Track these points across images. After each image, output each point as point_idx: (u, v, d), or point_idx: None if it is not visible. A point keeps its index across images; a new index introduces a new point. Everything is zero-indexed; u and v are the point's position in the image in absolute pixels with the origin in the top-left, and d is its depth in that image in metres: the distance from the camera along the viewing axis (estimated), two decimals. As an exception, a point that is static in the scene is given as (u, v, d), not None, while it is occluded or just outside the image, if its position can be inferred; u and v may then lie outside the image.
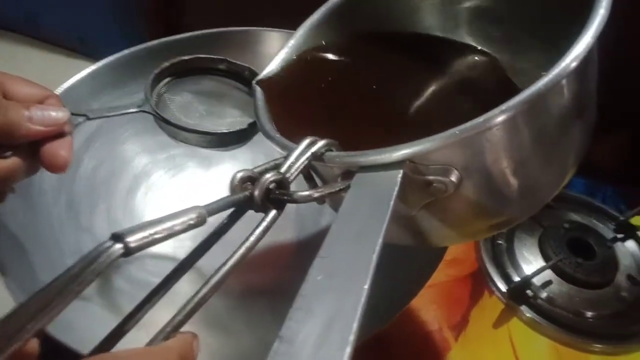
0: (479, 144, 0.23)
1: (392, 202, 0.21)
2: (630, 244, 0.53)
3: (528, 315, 0.46)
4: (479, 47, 0.35)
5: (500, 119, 0.22)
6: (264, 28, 0.51)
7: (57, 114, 0.29)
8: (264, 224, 0.22)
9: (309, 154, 0.25)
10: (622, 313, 0.47)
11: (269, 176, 0.22)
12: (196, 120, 0.36)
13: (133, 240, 0.18)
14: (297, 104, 0.33)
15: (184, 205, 0.50)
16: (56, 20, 0.74)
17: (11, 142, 0.28)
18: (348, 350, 0.15)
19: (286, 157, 0.24)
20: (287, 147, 0.26)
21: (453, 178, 0.23)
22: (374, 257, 0.18)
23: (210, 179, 0.52)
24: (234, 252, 0.21)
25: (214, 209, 0.21)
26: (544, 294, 0.48)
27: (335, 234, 0.20)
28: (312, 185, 0.28)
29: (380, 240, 0.19)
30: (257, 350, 0.39)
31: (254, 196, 0.22)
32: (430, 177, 0.24)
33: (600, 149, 0.59)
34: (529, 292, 0.48)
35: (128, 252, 0.18)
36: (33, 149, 0.29)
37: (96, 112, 0.32)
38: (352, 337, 0.16)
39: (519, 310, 0.47)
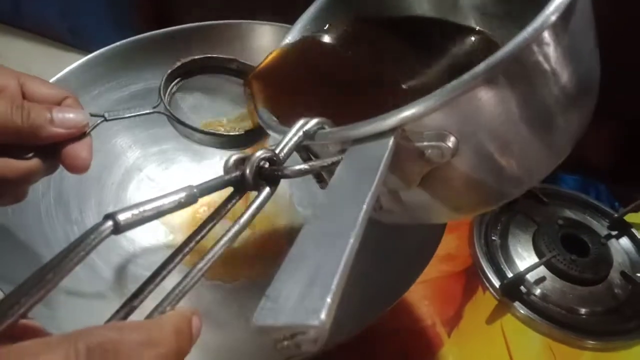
0: (469, 105, 0.23)
1: (382, 165, 0.21)
2: (624, 241, 0.53)
3: (521, 311, 0.46)
4: (477, 28, 0.35)
5: (485, 75, 0.22)
6: (257, 21, 0.51)
7: (77, 117, 0.29)
8: (258, 200, 0.22)
9: (301, 133, 0.25)
10: (615, 310, 0.47)
11: (260, 154, 0.23)
12: (206, 118, 0.37)
13: (123, 217, 0.18)
14: (295, 92, 0.33)
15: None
16: (45, 10, 0.73)
17: (33, 144, 0.29)
18: (329, 299, 0.15)
19: (280, 140, 0.25)
20: (285, 133, 0.26)
21: (449, 143, 0.23)
22: (361, 215, 0.18)
23: (202, 172, 0.52)
24: (229, 229, 0.21)
25: (205, 188, 0.21)
26: (537, 291, 0.48)
27: (324, 201, 0.20)
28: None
29: (368, 199, 0.19)
30: (248, 342, 0.39)
31: (246, 174, 0.22)
32: (425, 144, 0.23)
33: (593, 146, 0.60)
34: (522, 288, 0.48)
35: (118, 229, 0.18)
36: (53, 150, 0.29)
37: (113, 113, 0.33)
38: (334, 287, 0.15)
39: (513, 306, 0.47)
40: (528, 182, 0.27)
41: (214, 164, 0.52)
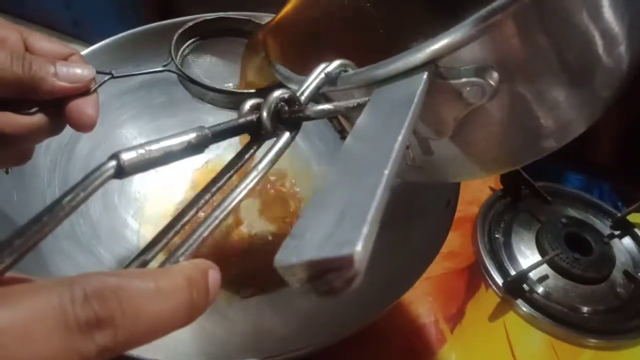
0: (508, 36, 0.20)
1: (415, 101, 0.19)
2: (627, 240, 0.53)
3: (524, 309, 0.46)
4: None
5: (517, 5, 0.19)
6: (269, 14, 0.50)
7: (83, 71, 0.28)
8: (277, 146, 0.20)
9: (322, 75, 0.23)
10: (617, 309, 0.47)
11: (278, 94, 0.20)
12: (220, 82, 0.35)
13: (127, 157, 0.17)
14: (313, 44, 0.31)
15: (180, 188, 0.49)
16: (49, 1, 0.73)
17: (36, 98, 0.27)
18: (365, 229, 0.13)
19: (300, 84, 0.23)
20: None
21: (491, 80, 0.20)
22: (396, 146, 0.16)
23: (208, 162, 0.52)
24: (244, 179, 0.19)
25: (218, 131, 0.19)
26: (540, 289, 0.48)
27: (350, 142, 0.18)
28: (333, 124, 0.26)
29: (403, 131, 0.17)
30: (252, 334, 0.39)
31: (262, 117, 0.20)
32: (464, 81, 0.20)
33: (597, 146, 0.60)
34: (525, 286, 0.48)
35: (122, 170, 0.17)
36: (58, 107, 0.28)
37: (121, 70, 0.32)
38: (370, 217, 0.13)
39: (515, 304, 0.47)
40: (562, 136, 0.24)
41: (220, 154, 0.52)
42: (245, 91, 0.34)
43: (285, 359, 0.31)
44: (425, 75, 0.20)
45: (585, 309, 0.47)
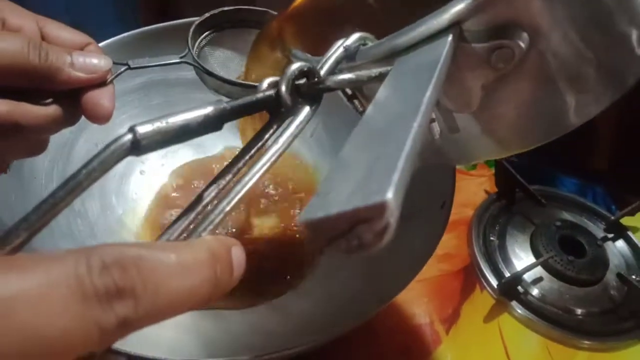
0: None
1: (441, 60, 0.18)
2: (620, 243, 0.53)
3: (519, 310, 0.47)
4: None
5: None
6: (266, 9, 0.50)
7: (100, 62, 0.27)
8: (298, 120, 0.19)
9: (341, 49, 0.22)
10: (611, 311, 0.48)
11: (296, 66, 0.19)
12: (236, 75, 0.35)
13: (143, 131, 0.16)
14: (327, 27, 0.31)
15: (179, 190, 0.49)
16: (49, 4, 0.73)
17: (51, 88, 0.27)
18: (395, 176, 0.12)
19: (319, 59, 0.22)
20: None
21: (521, 41, 0.19)
22: (425, 100, 0.15)
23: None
24: (265, 153, 0.19)
25: (236, 106, 0.18)
26: (534, 291, 0.48)
27: (373, 108, 0.17)
28: (354, 105, 0.25)
29: (431, 87, 0.16)
30: (248, 333, 0.39)
31: (281, 92, 0.19)
32: (491, 44, 0.19)
33: (591, 150, 0.60)
34: (519, 288, 0.48)
35: (137, 144, 0.16)
36: (73, 98, 0.28)
37: (137, 61, 0.31)
38: (401, 164, 0.12)
39: (510, 305, 0.47)
40: (589, 110, 0.23)
41: (216, 154, 0.52)
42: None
43: (281, 357, 0.31)
44: (450, 38, 0.19)
45: (579, 311, 0.47)
